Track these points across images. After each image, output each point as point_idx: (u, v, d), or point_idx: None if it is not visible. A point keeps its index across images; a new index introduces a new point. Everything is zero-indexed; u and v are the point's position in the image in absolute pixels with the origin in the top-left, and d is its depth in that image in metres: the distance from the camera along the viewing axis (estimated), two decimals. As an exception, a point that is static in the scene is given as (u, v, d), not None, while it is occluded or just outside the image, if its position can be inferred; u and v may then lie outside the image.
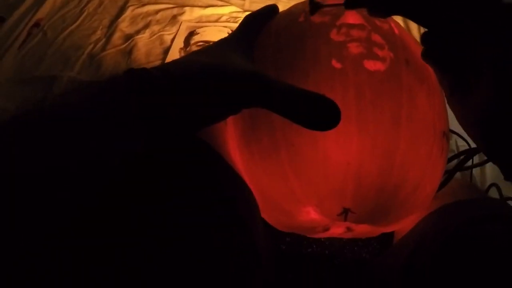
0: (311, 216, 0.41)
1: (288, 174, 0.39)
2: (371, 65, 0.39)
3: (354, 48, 0.40)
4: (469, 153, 0.58)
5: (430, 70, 0.43)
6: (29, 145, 0.26)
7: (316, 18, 0.43)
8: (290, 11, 0.47)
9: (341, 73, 0.39)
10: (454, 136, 0.83)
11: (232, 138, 0.45)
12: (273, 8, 0.46)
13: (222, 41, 0.39)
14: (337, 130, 0.32)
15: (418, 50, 0.43)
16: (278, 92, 0.32)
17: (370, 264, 0.56)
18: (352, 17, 0.43)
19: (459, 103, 0.38)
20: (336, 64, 0.39)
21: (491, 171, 0.83)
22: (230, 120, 0.45)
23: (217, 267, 0.34)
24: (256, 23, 0.44)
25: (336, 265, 0.57)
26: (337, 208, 0.40)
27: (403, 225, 0.47)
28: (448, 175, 0.59)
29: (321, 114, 0.32)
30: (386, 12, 0.37)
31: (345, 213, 0.40)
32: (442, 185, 0.50)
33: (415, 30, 1.17)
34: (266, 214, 0.46)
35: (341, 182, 0.38)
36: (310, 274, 0.57)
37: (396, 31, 0.44)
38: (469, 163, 0.68)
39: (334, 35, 0.41)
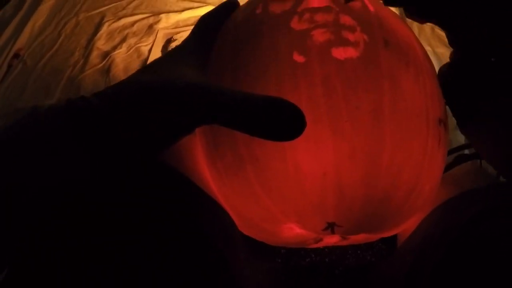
0: (295, 231, 0.37)
1: (258, 193, 0.34)
2: (340, 53, 0.34)
3: (319, 36, 0.34)
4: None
5: (417, 48, 0.38)
6: None
7: (276, 7, 0.37)
8: (249, 2, 0.42)
9: (305, 67, 0.33)
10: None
11: (200, 155, 0.40)
12: (231, 3, 0.42)
13: (172, 51, 0.36)
14: (307, 135, 0.26)
15: (401, 27, 0.39)
16: (229, 104, 0.28)
17: (371, 274, 0.52)
18: None
19: (476, 128, 0.34)
20: (298, 58, 0.34)
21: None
22: (197, 136, 0.41)
23: None
24: (213, 22, 0.40)
25: (339, 274, 0.53)
26: (320, 223, 0.35)
27: (405, 227, 0.42)
28: (454, 160, 0.54)
29: (279, 123, 0.27)
30: (425, 18, 0.34)
31: (330, 228, 0.35)
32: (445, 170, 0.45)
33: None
34: (249, 232, 0.41)
35: (319, 196, 0.33)
36: (311, 286, 0.52)
37: (371, 8, 0.38)
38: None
39: (295, 24, 0.36)
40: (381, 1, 0.40)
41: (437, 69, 0.41)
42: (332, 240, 0.39)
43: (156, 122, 0.28)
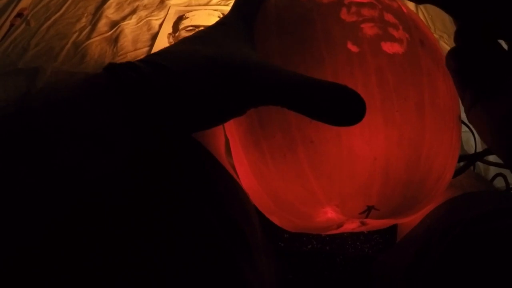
0: (328, 216, 0.38)
1: (307, 174, 0.35)
2: (388, 47, 0.36)
3: (369, 29, 0.36)
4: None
5: (440, 51, 0.40)
6: None
7: None
8: None
9: (360, 56, 0.35)
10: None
11: (233, 137, 0.40)
12: None
13: (218, 26, 0.34)
14: (362, 122, 0.27)
15: (427, 29, 0.41)
16: (293, 86, 0.27)
17: (373, 262, 0.53)
18: None
19: (483, 112, 0.34)
20: (352, 47, 0.35)
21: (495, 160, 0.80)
22: None
23: None
24: (251, 3, 0.39)
25: (340, 262, 0.53)
26: (361, 207, 0.36)
27: (411, 219, 0.44)
28: (464, 164, 0.55)
29: (344, 109, 0.27)
30: None
31: (368, 211, 0.37)
32: (458, 173, 0.46)
33: (411, 4, 1.14)
34: (276, 216, 0.42)
35: (367, 180, 0.35)
36: (311, 272, 0.53)
37: (404, 9, 0.40)
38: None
39: (344, 15, 0.37)
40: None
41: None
42: (351, 226, 0.41)
43: (214, 99, 0.27)
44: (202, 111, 0.27)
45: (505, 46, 0.33)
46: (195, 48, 0.29)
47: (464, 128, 0.79)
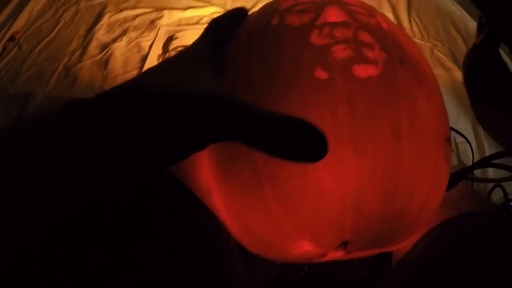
0: (305, 248, 0.36)
1: (275, 211, 0.34)
2: (362, 70, 0.33)
3: (341, 52, 0.34)
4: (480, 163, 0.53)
5: (426, 67, 0.38)
6: None
7: (294, 19, 0.37)
8: (261, 12, 0.41)
9: (328, 84, 0.33)
10: (453, 132, 0.79)
11: (206, 169, 0.39)
12: (241, 11, 0.41)
13: (184, 54, 0.33)
14: (331, 155, 0.26)
15: (411, 45, 0.39)
16: (250, 122, 0.26)
17: (369, 287, 0.52)
18: (334, 13, 0.37)
19: (496, 114, 0.35)
20: (321, 74, 0.33)
21: (493, 172, 0.79)
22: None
23: None
24: (224, 29, 0.38)
25: (331, 289, 0.52)
26: (335, 241, 0.35)
27: (403, 244, 0.43)
28: (453, 181, 0.54)
29: (304, 146, 0.25)
30: None
31: (344, 245, 0.35)
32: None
33: (406, 21, 1.13)
34: (254, 249, 0.41)
35: (338, 215, 0.33)
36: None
37: (385, 25, 0.38)
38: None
39: (315, 38, 0.35)
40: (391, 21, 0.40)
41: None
42: (336, 254, 0.39)
43: (169, 135, 0.26)
44: (156, 147, 0.26)
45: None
46: (155, 81, 0.28)
47: (460, 138, 0.79)
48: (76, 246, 0.27)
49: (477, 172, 0.78)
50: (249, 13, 0.42)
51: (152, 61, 0.95)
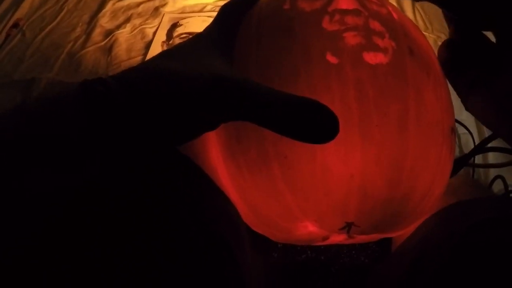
0: (309, 229, 0.37)
1: (282, 190, 0.34)
2: (371, 57, 0.34)
3: (351, 38, 0.34)
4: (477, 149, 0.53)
5: (434, 59, 0.39)
6: None
7: (306, 4, 0.37)
8: None
9: (338, 69, 0.33)
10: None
11: (214, 148, 0.39)
12: None
13: (196, 39, 0.33)
14: (338, 138, 0.26)
15: (420, 36, 0.39)
16: (261, 102, 0.27)
17: (368, 273, 0.52)
18: (346, 1, 0.37)
19: (482, 96, 0.35)
20: (331, 59, 0.33)
21: (494, 162, 0.79)
22: None
23: None
24: (234, 14, 0.38)
25: (334, 272, 0.53)
26: (339, 223, 0.35)
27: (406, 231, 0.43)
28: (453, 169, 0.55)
29: (315, 127, 0.26)
30: None
31: (348, 227, 0.35)
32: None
33: (410, 12, 1.13)
34: (260, 229, 0.41)
35: (344, 197, 0.33)
36: (306, 283, 0.52)
37: (395, 15, 0.38)
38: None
39: (326, 24, 0.35)
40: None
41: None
42: (338, 238, 0.40)
43: (181, 116, 0.27)
44: (168, 127, 0.27)
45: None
46: (166, 64, 0.29)
47: (462, 129, 0.80)
48: (80, 235, 0.27)
49: (478, 160, 0.78)
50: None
51: (156, 48, 0.96)
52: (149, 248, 0.30)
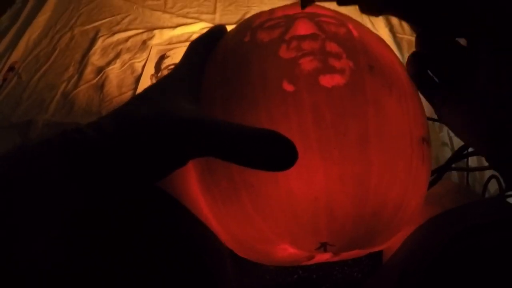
0: (289, 251, 0.38)
1: (253, 216, 0.35)
2: (328, 80, 0.35)
3: (307, 64, 0.35)
4: (455, 156, 0.54)
5: (399, 71, 0.39)
6: None
7: (264, 35, 0.39)
8: (236, 29, 0.43)
9: (295, 95, 0.34)
10: (445, 127, 0.80)
11: (194, 182, 0.41)
12: (219, 29, 0.43)
13: (164, 80, 0.36)
14: (298, 162, 0.27)
15: (383, 51, 0.40)
16: (221, 138, 0.29)
17: (360, 287, 0.53)
18: (303, 26, 0.38)
19: (454, 108, 0.36)
20: (287, 87, 0.35)
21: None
22: (189, 163, 0.42)
23: None
24: (202, 49, 0.41)
25: (326, 290, 0.54)
26: (314, 243, 0.36)
27: (392, 243, 0.44)
28: (435, 176, 0.56)
29: (273, 155, 0.28)
30: (379, 10, 0.34)
31: (323, 247, 0.36)
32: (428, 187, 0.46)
33: (382, 29, 1.14)
34: (244, 254, 0.42)
35: (312, 219, 0.34)
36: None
37: (355, 33, 0.39)
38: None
39: (283, 53, 0.36)
40: (366, 27, 0.41)
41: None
42: (324, 257, 0.40)
43: (151, 156, 0.29)
44: (140, 166, 0.29)
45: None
46: (135, 110, 0.32)
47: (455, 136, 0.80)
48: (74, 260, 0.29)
49: (473, 163, 0.78)
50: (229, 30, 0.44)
51: (145, 81, 0.98)
52: (135, 279, 0.32)
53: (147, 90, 0.34)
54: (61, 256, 0.28)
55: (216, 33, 0.42)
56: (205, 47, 0.41)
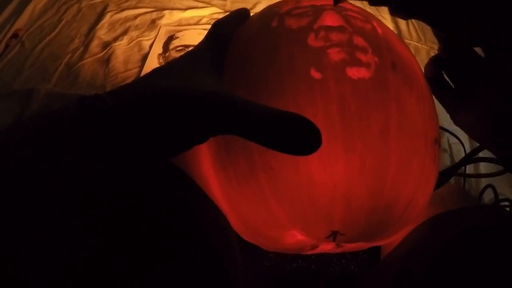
0: (297, 238, 0.38)
1: (268, 200, 0.36)
2: (354, 72, 0.35)
3: (335, 54, 0.36)
4: (466, 159, 0.55)
5: (418, 72, 0.40)
6: None
7: (293, 22, 0.39)
8: (262, 14, 0.43)
9: (322, 83, 0.35)
10: (446, 133, 0.81)
11: (206, 159, 0.41)
12: (243, 12, 0.43)
13: (187, 56, 0.35)
14: (321, 149, 0.27)
15: (404, 50, 0.41)
16: (247, 116, 0.28)
17: (357, 281, 0.54)
18: (331, 18, 0.39)
19: (468, 112, 0.37)
20: (315, 74, 0.35)
21: (485, 171, 0.81)
22: None
23: None
24: (225, 31, 0.40)
25: (324, 281, 0.54)
26: (325, 231, 0.36)
27: (395, 238, 0.44)
28: (440, 180, 0.56)
29: (298, 139, 0.27)
30: (408, 14, 0.35)
31: (333, 236, 0.37)
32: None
33: (403, 24, 1.15)
34: (249, 238, 0.43)
35: (328, 206, 0.35)
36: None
37: (379, 31, 0.40)
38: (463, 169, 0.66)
39: (311, 41, 0.37)
40: (379, 18, 0.42)
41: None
42: (327, 247, 0.41)
43: (172, 129, 0.29)
44: (160, 140, 0.29)
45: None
46: (158, 80, 0.31)
47: (453, 139, 0.81)
48: (82, 235, 0.29)
49: (470, 170, 0.80)
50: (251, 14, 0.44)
51: (152, 60, 0.97)
52: (140, 258, 0.31)
53: (169, 64, 0.34)
54: (62, 248, 0.28)
55: (241, 15, 0.42)
56: (230, 28, 0.41)
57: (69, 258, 0.28)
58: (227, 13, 0.42)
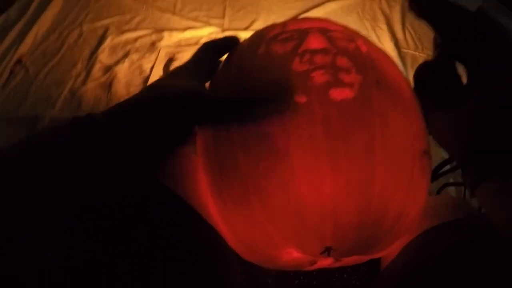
0: (293, 255, 0.40)
1: (262, 220, 0.37)
2: (337, 93, 0.37)
3: (319, 77, 0.37)
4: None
5: (404, 87, 0.41)
6: None
7: (278, 47, 0.41)
8: (251, 41, 0.45)
9: (306, 107, 0.36)
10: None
11: (203, 184, 0.43)
12: (232, 40, 0.45)
13: (173, 71, 0.40)
14: (308, 169, 0.29)
15: (390, 66, 0.42)
16: (218, 104, 0.35)
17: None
18: (316, 40, 0.40)
19: (442, 116, 0.38)
20: (299, 98, 0.37)
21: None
22: (200, 167, 0.43)
23: None
24: (213, 53, 0.44)
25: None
26: (319, 247, 0.38)
27: (390, 251, 0.45)
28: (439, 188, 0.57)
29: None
30: (420, 14, 0.38)
31: (327, 251, 0.38)
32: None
33: (400, 33, 1.16)
34: (250, 258, 0.44)
35: (318, 224, 0.36)
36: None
37: (364, 49, 0.41)
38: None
39: (296, 65, 0.38)
40: (373, 43, 0.44)
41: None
42: (326, 262, 0.42)
43: (155, 133, 0.33)
44: (145, 144, 0.33)
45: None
46: (145, 93, 0.36)
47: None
48: (82, 237, 0.31)
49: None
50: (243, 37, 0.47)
51: (153, 83, 0.99)
52: (139, 275, 0.33)
53: (155, 81, 0.39)
54: (62, 253, 0.30)
55: (229, 41, 0.45)
56: (217, 52, 0.44)
57: (69, 259, 0.30)
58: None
